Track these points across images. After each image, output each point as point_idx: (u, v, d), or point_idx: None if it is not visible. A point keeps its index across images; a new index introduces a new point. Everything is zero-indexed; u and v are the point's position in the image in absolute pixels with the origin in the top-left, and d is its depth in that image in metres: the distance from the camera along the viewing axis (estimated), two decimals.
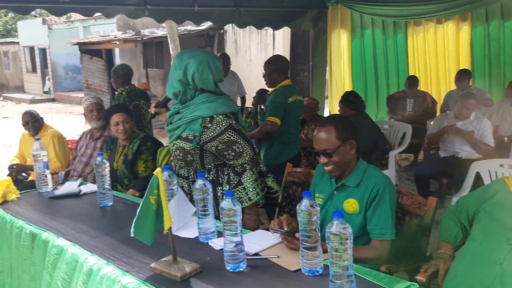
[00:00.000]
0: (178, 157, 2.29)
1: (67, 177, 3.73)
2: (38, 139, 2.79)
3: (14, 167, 3.95)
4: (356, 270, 1.51)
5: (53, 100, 17.76)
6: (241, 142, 2.19)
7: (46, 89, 19.32)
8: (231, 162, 2.22)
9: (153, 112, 2.49)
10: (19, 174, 3.95)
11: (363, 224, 2.00)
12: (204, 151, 2.23)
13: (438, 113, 5.80)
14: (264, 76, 3.59)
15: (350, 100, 4.22)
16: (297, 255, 1.71)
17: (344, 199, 2.06)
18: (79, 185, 2.87)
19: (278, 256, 1.73)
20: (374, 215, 1.95)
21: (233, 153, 2.18)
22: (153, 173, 1.62)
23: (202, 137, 2.17)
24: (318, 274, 1.58)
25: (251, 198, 2.22)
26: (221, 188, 2.27)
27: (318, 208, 1.55)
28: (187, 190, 2.30)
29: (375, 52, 7.27)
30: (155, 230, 1.74)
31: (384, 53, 7.20)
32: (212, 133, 2.16)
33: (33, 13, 23.89)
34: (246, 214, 2.24)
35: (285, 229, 1.84)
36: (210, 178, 2.28)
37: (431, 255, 2.13)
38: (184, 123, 2.21)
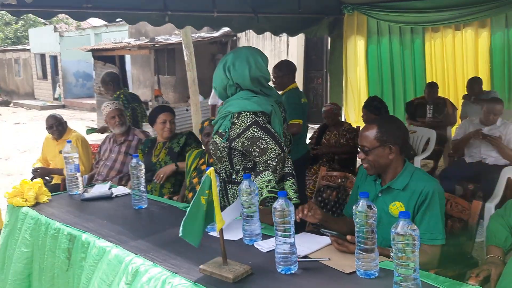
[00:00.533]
0: (212, 151, 2.32)
1: (90, 181, 3.71)
2: (69, 141, 2.78)
3: (38, 170, 3.93)
4: None
5: (63, 106, 17.85)
6: (266, 138, 2.15)
7: (56, 96, 19.44)
8: (257, 160, 2.19)
9: None
10: (43, 178, 3.92)
11: None
12: (233, 150, 2.22)
13: (458, 120, 5.75)
14: (273, 79, 3.68)
15: (374, 105, 4.19)
16: (348, 257, 1.68)
17: (390, 201, 2.02)
18: (110, 188, 2.85)
19: (329, 259, 1.70)
20: (424, 220, 1.90)
21: (258, 150, 2.15)
22: (206, 172, 1.59)
23: (231, 133, 2.18)
24: (374, 277, 1.54)
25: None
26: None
27: (376, 210, 1.51)
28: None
29: (392, 59, 7.25)
30: (203, 232, 1.71)
31: (401, 60, 7.16)
32: (238, 129, 2.16)
33: (43, 20, 24.18)
34: None
35: (305, 213, 1.88)
36: (238, 180, 2.25)
37: (477, 260, 2.08)
38: (220, 118, 2.23)
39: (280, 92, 3.67)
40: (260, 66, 2.24)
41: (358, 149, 2.06)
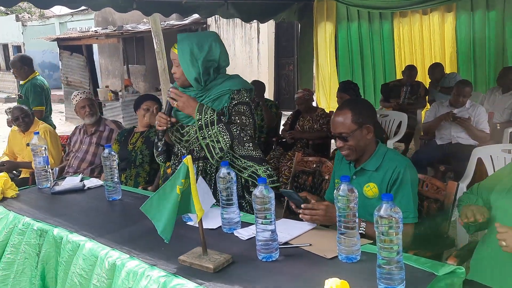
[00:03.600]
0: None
1: (61, 174, 3.59)
2: (37, 133, 2.66)
3: (5, 164, 3.78)
4: None
5: None
6: (249, 119, 2.21)
7: None
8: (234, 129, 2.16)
9: (166, 127, 2.22)
10: (10, 172, 3.78)
11: None
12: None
13: (427, 104, 5.85)
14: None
15: (351, 87, 4.21)
16: (329, 242, 1.67)
17: (364, 183, 2.03)
18: (81, 180, 2.76)
19: (310, 244, 1.68)
20: (395, 199, 1.91)
21: (239, 121, 2.18)
22: (183, 160, 1.54)
23: (230, 107, 2.20)
24: (356, 261, 1.54)
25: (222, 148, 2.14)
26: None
27: (357, 193, 1.50)
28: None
29: (362, 44, 7.30)
30: (173, 225, 1.65)
31: (371, 45, 7.23)
32: (235, 102, 2.20)
33: (3, 9, 23.16)
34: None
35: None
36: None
37: (453, 239, 2.12)
38: (210, 101, 2.20)
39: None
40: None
41: (335, 138, 2.03)
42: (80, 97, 3.67)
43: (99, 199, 2.42)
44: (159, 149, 2.39)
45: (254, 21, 8.52)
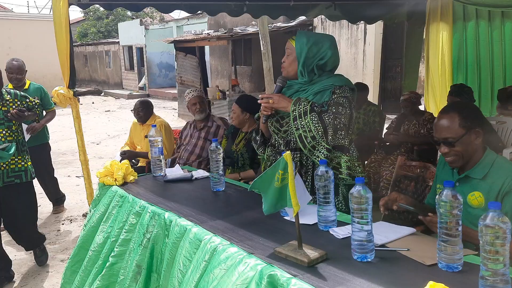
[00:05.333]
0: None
1: (172, 165, 3.90)
2: (154, 126, 2.94)
3: (126, 153, 4.22)
4: None
5: (147, 95, 18.87)
6: (346, 109, 2.23)
7: (141, 85, 20.62)
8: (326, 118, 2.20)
9: (271, 112, 2.33)
10: (130, 160, 4.20)
11: None
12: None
13: None
14: None
15: (465, 91, 3.95)
16: (429, 248, 1.61)
17: (468, 191, 1.91)
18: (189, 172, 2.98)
19: (408, 249, 1.64)
20: (504, 209, 1.76)
21: (334, 110, 2.21)
22: (283, 155, 1.60)
23: (330, 101, 2.26)
24: (457, 270, 1.47)
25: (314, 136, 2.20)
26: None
27: (461, 200, 1.43)
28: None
29: (478, 46, 6.75)
30: (275, 208, 1.73)
31: (489, 47, 6.65)
32: (335, 96, 2.26)
33: (130, 14, 25.54)
34: None
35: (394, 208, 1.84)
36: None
37: None
38: (312, 94, 2.29)
39: None
40: None
41: (439, 143, 1.94)
42: (192, 95, 3.96)
43: (205, 189, 2.60)
44: (257, 142, 2.54)
45: (361, 22, 8.35)
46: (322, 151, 2.21)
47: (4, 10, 23.19)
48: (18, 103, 3.40)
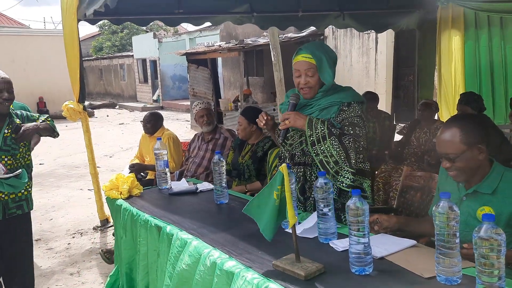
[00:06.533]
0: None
1: (181, 177, 3.92)
2: (159, 139, 2.97)
3: (134, 166, 4.26)
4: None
5: (161, 108, 19.07)
6: (362, 130, 2.22)
7: (155, 98, 20.86)
8: (346, 141, 2.17)
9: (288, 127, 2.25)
10: (139, 173, 4.25)
11: None
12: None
13: None
14: None
15: (474, 99, 3.89)
16: (428, 261, 1.58)
17: (477, 206, 1.85)
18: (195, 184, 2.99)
19: (408, 261, 1.62)
20: None
21: (352, 132, 2.18)
22: (279, 168, 1.61)
23: (337, 118, 2.23)
24: (456, 283, 1.44)
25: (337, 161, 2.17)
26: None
27: (458, 212, 1.41)
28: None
29: (492, 53, 6.66)
30: (276, 227, 1.74)
31: (502, 54, 6.56)
32: (345, 115, 2.23)
33: (144, 28, 25.99)
34: None
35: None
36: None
37: None
38: (317, 110, 2.26)
39: None
40: None
41: (441, 157, 1.90)
42: (200, 107, 3.99)
43: (209, 202, 2.62)
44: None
45: (372, 31, 8.33)
46: (346, 176, 2.17)
47: (22, 26, 23.77)
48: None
